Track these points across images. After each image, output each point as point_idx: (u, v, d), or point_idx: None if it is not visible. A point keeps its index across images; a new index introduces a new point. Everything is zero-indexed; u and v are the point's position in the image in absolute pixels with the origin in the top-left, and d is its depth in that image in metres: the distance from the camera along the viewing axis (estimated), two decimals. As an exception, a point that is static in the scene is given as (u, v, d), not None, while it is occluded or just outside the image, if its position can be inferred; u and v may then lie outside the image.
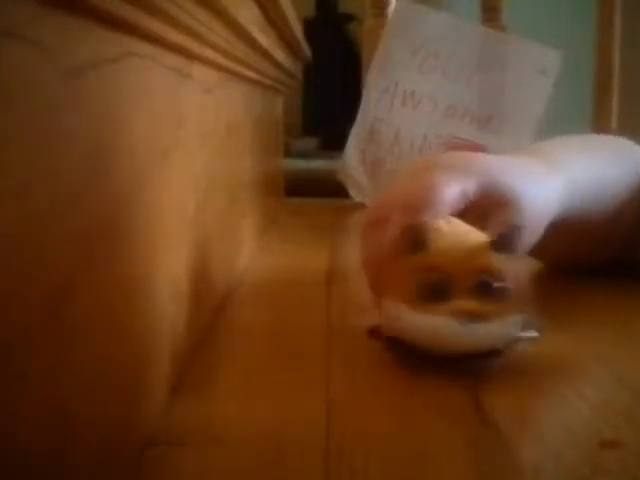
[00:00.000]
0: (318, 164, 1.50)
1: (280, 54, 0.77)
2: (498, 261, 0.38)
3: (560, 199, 0.48)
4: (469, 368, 0.39)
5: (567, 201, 0.49)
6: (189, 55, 0.42)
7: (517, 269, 0.39)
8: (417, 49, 1.00)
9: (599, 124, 1.20)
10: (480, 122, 1.01)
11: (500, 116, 1.02)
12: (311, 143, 1.81)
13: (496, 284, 0.38)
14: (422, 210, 0.40)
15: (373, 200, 0.41)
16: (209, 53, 0.45)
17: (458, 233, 0.39)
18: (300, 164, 1.48)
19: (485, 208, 0.43)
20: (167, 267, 0.37)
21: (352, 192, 1.06)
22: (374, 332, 0.41)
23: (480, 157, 0.47)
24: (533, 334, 0.40)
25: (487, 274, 0.38)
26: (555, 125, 1.01)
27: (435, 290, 0.37)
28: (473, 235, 0.40)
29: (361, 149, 1.04)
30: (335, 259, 0.69)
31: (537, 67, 1.01)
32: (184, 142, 0.41)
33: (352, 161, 1.05)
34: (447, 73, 1.00)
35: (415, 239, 0.38)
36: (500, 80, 1.02)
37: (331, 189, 1.10)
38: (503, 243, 0.39)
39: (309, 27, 1.47)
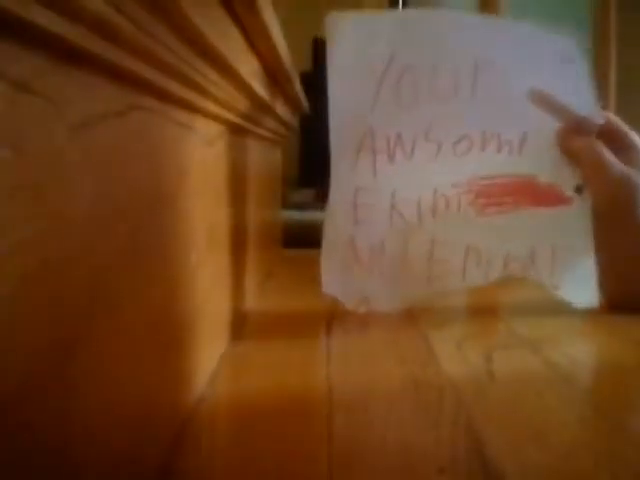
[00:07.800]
0: (314, 215, 1.51)
1: (279, 107, 0.78)
2: None
3: None
4: None
5: None
6: (192, 108, 0.42)
7: None
8: (381, 73, 0.64)
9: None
10: (512, 144, 0.65)
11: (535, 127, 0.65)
12: (308, 195, 1.82)
13: None
14: None
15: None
16: (211, 106, 0.46)
17: None
18: (297, 215, 1.49)
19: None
20: (170, 315, 0.37)
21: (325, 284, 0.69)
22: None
23: None
24: None
25: None
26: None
27: None
28: None
29: (343, 249, 0.70)
30: (334, 308, 0.69)
31: (557, 57, 0.67)
32: (185, 193, 0.41)
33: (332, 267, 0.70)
34: (437, 92, 0.64)
35: None
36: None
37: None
38: None
39: (306, 80, 1.49)
